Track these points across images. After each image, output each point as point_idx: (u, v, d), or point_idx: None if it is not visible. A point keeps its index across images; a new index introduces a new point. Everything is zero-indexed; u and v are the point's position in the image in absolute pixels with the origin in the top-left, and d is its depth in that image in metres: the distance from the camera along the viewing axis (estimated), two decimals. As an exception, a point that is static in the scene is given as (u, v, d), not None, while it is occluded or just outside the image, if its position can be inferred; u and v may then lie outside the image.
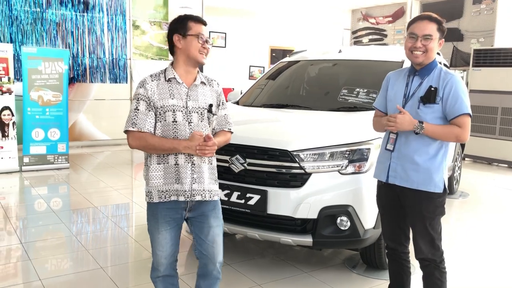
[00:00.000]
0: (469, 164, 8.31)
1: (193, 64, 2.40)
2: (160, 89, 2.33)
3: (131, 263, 3.69)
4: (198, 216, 2.39)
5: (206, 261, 2.42)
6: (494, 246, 4.26)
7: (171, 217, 2.36)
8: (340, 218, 3.06)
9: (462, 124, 2.45)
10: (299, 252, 3.90)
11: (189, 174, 2.31)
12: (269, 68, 5.01)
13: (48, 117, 6.85)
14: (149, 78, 2.38)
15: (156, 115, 2.32)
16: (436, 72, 2.53)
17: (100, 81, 8.99)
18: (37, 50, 6.97)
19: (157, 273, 2.44)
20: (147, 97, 2.30)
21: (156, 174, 2.33)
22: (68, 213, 4.93)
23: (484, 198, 6.03)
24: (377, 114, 2.77)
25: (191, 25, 2.36)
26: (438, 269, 2.56)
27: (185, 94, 2.34)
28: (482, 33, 9.01)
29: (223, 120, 2.51)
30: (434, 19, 2.51)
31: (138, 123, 2.29)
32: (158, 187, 2.33)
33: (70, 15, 8.56)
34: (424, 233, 2.51)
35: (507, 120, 7.91)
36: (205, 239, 2.40)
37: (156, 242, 2.39)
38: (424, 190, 2.48)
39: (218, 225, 2.44)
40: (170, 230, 2.38)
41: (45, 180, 6.38)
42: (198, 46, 2.34)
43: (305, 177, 3.07)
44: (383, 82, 2.76)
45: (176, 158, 2.31)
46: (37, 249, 3.88)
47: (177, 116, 2.30)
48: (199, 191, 2.33)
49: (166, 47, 9.80)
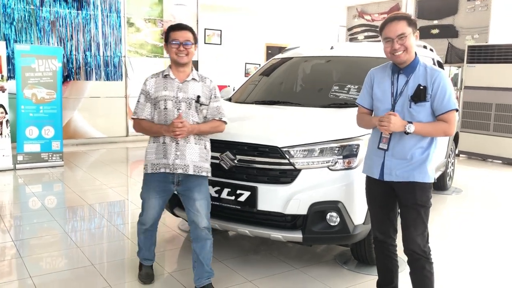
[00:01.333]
0: (463, 160, 8.33)
1: (177, 65, 2.94)
2: (157, 83, 2.95)
3: (124, 260, 3.69)
4: (185, 190, 2.96)
5: (194, 227, 2.98)
6: (486, 241, 4.28)
7: (160, 188, 2.97)
8: (330, 214, 3.07)
9: (449, 120, 2.51)
10: (292, 249, 3.91)
11: (173, 151, 2.88)
12: (262, 65, 5.01)
13: (42, 115, 6.84)
14: (150, 76, 3.01)
15: (153, 104, 2.93)
16: (421, 69, 2.56)
17: (95, 79, 8.98)
18: (31, 47, 6.95)
19: (143, 226, 3.13)
20: (146, 91, 2.95)
21: (150, 150, 2.97)
22: (62, 211, 4.94)
23: (478, 194, 6.05)
24: (361, 110, 2.80)
25: (170, 34, 2.93)
26: (428, 262, 2.60)
27: (176, 87, 2.91)
28: (477, 30, 9.02)
29: (215, 111, 3.00)
30: (401, 17, 2.54)
31: (138, 112, 2.96)
32: (151, 160, 2.95)
33: (64, 12, 8.54)
34: (418, 223, 2.56)
35: (501, 116, 7.93)
36: (191, 209, 2.96)
37: (145, 205, 3.04)
38: (419, 181, 2.54)
39: (202, 198, 2.96)
40: (158, 198, 3.01)
41: (39, 178, 6.38)
42: (174, 50, 2.89)
43: (295, 173, 3.08)
44: (365, 79, 2.78)
45: (164, 137, 2.90)
46: (30, 247, 3.88)
47: (168, 104, 2.89)
48: (180, 165, 2.88)
49: (161, 44, 9.80)
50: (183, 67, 2.94)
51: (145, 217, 3.08)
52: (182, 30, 2.91)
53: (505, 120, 7.89)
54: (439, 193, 5.92)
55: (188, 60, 2.93)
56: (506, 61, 7.82)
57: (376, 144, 2.65)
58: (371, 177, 2.71)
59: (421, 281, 2.62)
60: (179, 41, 2.87)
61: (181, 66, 2.93)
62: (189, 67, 2.98)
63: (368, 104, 2.75)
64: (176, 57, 2.89)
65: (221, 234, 4.16)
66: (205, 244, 3.00)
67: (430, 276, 2.61)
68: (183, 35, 2.89)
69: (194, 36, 2.96)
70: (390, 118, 2.46)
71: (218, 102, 3.02)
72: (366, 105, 2.76)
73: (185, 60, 2.90)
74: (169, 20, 9.85)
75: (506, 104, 7.83)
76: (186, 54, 2.89)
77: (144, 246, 3.22)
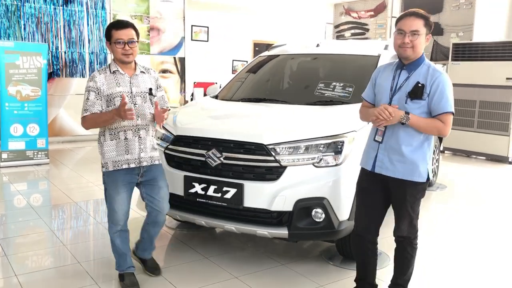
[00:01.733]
0: (448, 157, 8.44)
1: (123, 63, 2.93)
2: (107, 80, 2.90)
3: (111, 258, 3.67)
4: (150, 180, 3.03)
5: (157, 214, 3.08)
6: (470, 237, 4.36)
7: (127, 181, 2.98)
8: (315, 210, 3.10)
9: (445, 121, 2.57)
10: (278, 245, 3.94)
11: (137, 145, 2.93)
12: (248, 63, 5.02)
13: (27, 112, 6.77)
14: (97, 72, 2.94)
15: (106, 101, 2.88)
16: (424, 68, 2.60)
17: (81, 76, 8.91)
18: (15, 44, 6.88)
19: (116, 228, 3.02)
20: (97, 88, 2.88)
21: (109, 148, 2.93)
22: (48, 209, 4.90)
23: (462, 191, 6.15)
24: (364, 104, 2.86)
25: (112, 33, 2.86)
26: (411, 245, 2.73)
27: (128, 82, 2.93)
28: (462, 28, 9.12)
29: (161, 100, 3.08)
30: (420, 15, 2.59)
31: (89, 109, 2.87)
32: (112, 158, 2.93)
33: (49, 8, 8.45)
34: (406, 215, 2.67)
35: (484, 113, 8.05)
36: (156, 196, 3.04)
37: (116, 203, 2.97)
38: (409, 180, 2.59)
39: (165, 185, 3.10)
40: (126, 191, 2.99)
41: (24, 176, 6.32)
42: (120, 51, 2.86)
43: (281, 170, 3.10)
44: (372, 74, 2.84)
45: (125, 134, 2.92)
46: (15, 245, 3.85)
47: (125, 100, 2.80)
48: (145, 158, 2.97)
49: (147, 41, 9.75)
50: (128, 63, 2.95)
51: (119, 216, 2.99)
52: (125, 29, 2.86)
53: (488, 117, 8.01)
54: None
55: (134, 58, 2.94)
56: (490, 59, 7.93)
57: (373, 136, 2.72)
58: (365, 170, 2.76)
59: (400, 260, 2.78)
60: (124, 40, 2.84)
61: (127, 63, 2.94)
62: (133, 62, 2.99)
63: (371, 99, 2.80)
64: (123, 57, 2.88)
65: (207, 231, 4.17)
66: (160, 227, 3.18)
67: (410, 258, 2.75)
68: (127, 33, 2.85)
69: (137, 33, 2.93)
70: (390, 110, 2.50)
71: (162, 91, 3.13)
72: (369, 99, 2.81)
73: (131, 59, 2.92)
74: (155, 17, 9.80)
75: (490, 101, 7.95)
76: (131, 53, 2.88)
77: (124, 251, 3.09)
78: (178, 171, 3.41)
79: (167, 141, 3.55)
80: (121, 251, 3.09)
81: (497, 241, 4.25)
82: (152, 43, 9.85)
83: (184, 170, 3.37)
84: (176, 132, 3.50)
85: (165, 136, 3.59)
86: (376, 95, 2.76)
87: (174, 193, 3.44)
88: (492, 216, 5.03)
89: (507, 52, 7.72)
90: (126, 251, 3.11)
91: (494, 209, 5.29)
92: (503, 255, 3.93)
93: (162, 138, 3.62)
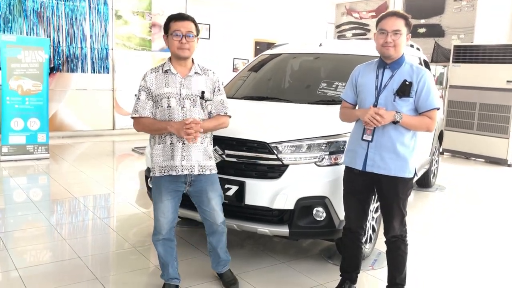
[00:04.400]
0: (447, 158, 8.46)
1: (178, 58, 2.73)
2: (158, 79, 2.73)
3: (110, 253, 3.70)
4: (197, 191, 2.84)
5: (210, 224, 2.94)
6: (469, 238, 4.37)
7: (172, 189, 2.79)
8: (316, 209, 3.11)
9: (432, 117, 2.65)
10: (278, 243, 3.95)
11: (180, 152, 2.72)
12: (250, 61, 5.03)
13: (27, 107, 6.77)
14: (149, 71, 2.78)
15: (155, 102, 2.73)
16: (407, 66, 2.68)
17: (82, 71, 8.90)
18: (17, 38, 6.87)
19: (159, 236, 2.86)
20: (147, 88, 2.73)
21: (157, 152, 2.77)
22: (48, 204, 4.91)
23: (461, 192, 6.17)
24: (345, 105, 2.90)
25: (171, 25, 2.70)
26: (404, 243, 2.81)
27: (179, 83, 2.72)
28: (463, 30, 9.15)
29: (219, 105, 2.85)
30: (401, 15, 2.66)
31: (139, 110, 2.74)
32: (159, 163, 2.76)
33: (52, 3, 8.44)
34: (398, 213, 2.74)
35: (484, 115, 8.07)
36: (206, 208, 2.87)
37: (159, 210, 2.81)
38: (401, 176, 2.66)
39: (216, 196, 2.88)
40: (171, 200, 2.80)
41: (24, 170, 6.32)
42: (176, 43, 2.67)
43: (283, 168, 3.12)
44: (351, 74, 2.88)
45: (171, 138, 2.72)
46: (15, 239, 3.86)
47: (171, 102, 2.70)
48: (186, 166, 2.73)
49: (149, 37, 9.74)
50: (184, 60, 2.74)
51: (162, 223, 2.82)
52: (184, 21, 2.68)
53: (488, 120, 8.03)
54: (423, 190, 6.01)
55: (190, 54, 2.73)
56: (491, 61, 7.96)
57: (359, 136, 2.74)
58: (353, 169, 2.79)
59: (396, 259, 2.84)
60: (182, 32, 2.66)
61: (183, 60, 2.73)
62: (190, 60, 2.78)
63: (352, 99, 2.85)
64: (178, 51, 2.68)
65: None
66: (221, 237, 3.00)
67: (404, 255, 2.83)
68: (185, 25, 2.67)
69: (197, 27, 2.75)
70: (382, 112, 2.55)
71: (222, 95, 2.86)
72: (350, 100, 2.86)
73: (187, 54, 2.70)
74: (157, 13, 9.80)
75: (490, 104, 7.97)
76: (188, 47, 2.68)
77: (166, 261, 2.92)
78: (179, 167, 3.42)
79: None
80: (163, 259, 2.92)
81: (495, 242, 4.27)
82: (153, 40, 9.85)
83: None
84: (178, 129, 3.50)
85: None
86: (359, 95, 2.80)
87: (175, 189, 3.46)
88: (490, 217, 5.05)
89: (508, 55, 7.75)
90: (169, 261, 2.93)
91: (492, 211, 5.31)
92: (501, 255, 3.95)
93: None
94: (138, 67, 9.59)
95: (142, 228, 4.27)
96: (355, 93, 2.83)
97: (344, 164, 2.89)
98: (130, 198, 5.20)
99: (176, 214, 2.88)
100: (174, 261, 2.96)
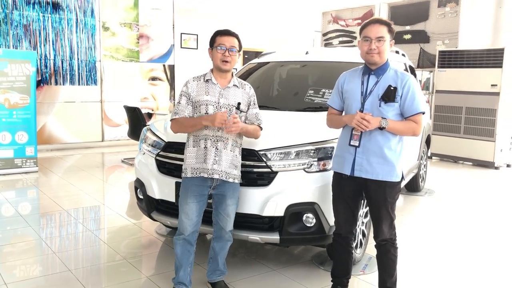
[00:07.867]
0: (436, 162, 8.55)
1: (220, 70, 2.93)
2: (198, 87, 2.93)
3: (101, 265, 3.67)
4: (219, 194, 2.95)
5: (220, 229, 3.02)
6: (457, 241, 4.41)
7: (198, 193, 2.91)
8: (306, 215, 3.13)
9: (418, 121, 2.70)
10: (269, 251, 3.96)
11: (212, 156, 2.87)
12: (239, 70, 5.06)
13: (15, 120, 6.72)
14: (191, 78, 2.98)
15: (193, 108, 2.92)
16: (391, 72, 2.73)
17: (70, 84, 8.87)
18: (3, 51, 6.83)
19: (180, 236, 2.97)
20: (188, 93, 2.93)
21: (190, 154, 2.93)
22: (37, 217, 4.87)
23: (449, 195, 6.22)
24: (331, 111, 2.94)
25: (216, 39, 2.92)
26: (393, 246, 2.84)
27: (218, 93, 2.91)
28: (447, 35, 9.27)
29: (253, 117, 3.04)
30: (384, 22, 2.72)
31: (179, 113, 2.92)
32: (192, 164, 2.91)
33: (38, 16, 8.43)
34: (387, 217, 2.78)
35: (471, 119, 8.19)
36: (222, 212, 2.97)
37: (182, 212, 2.94)
38: (388, 180, 2.70)
39: (233, 203, 2.99)
40: (196, 203, 2.92)
41: (12, 184, 6.26)
42: (219, 56, 2.87)
43: (272, 175, 3.13)
44: (336, 81, 2.92)
45: (205, 142, 2.89)
46: (4, 254, 3.82)
47: (209, 109, 2.88)
48: (217, 171, 2.88)
49: (137, 48, 9.75)
50: (225, 73, 2.93)
51: (185, 225, 2.94)
52: (229, 36, 2.91)
53: (474, 123, 8.14)
54: (412, 194, 6.07)
55: (231, 67, 2.92)
56: (475, 66, 8.09)
57: (347, 141, 2.77)
58: (341, 174, 2.82)
59: (386, 262, 2.86)
60: (226, 46, 2.87)
61: (224, 72, 2.92)
62: (230, 73, 2.98)
63: (338, 106, 2.90)
64: (220, 63, 2.89)
65: (198, 238, 4.16)
66: (226, 245, 3.10)
67: (394, 259, 2.85)
68: (230, 40, 2.90)
69: (240, 44, 2.95)
70: (369, 118, 2.59)
71: (256, 109, 3.08)
72: (336, 107, 2.91)
73: (228, 67, 2.90)
74: (144, 25, 9.82)
75: (476, 108, 8.09)
76: (230, 61, 2.88)
77: (181, 262, 3.01)
78: (169, 177, 3.43)
79: (158, 147, 3.56)
80: (178, 261, 3.02)
81: (484, 244, 4.31)
82: (141, 51, 9.86)
83: (176, 176, 3.38)
84: (167, 139, 3.51)
85: (156, 143, 3.60)
86: (345, 101, 2.84)
87: (165, 199, 3.46)
88: (479, 220, 5.11)
89: (491, 59, 7.88)
90: (183, 263, 3.01)
91: (481, 214, 5.36)
92: (490, 258, 3.99)
93: (153, 145, 3.63)
94: (126, 78, 9.59)
95: (133, 240, 4.26)
96: (341, 99, 2.87)
97: (332, 169, 2.93)
98: (120, 209, 5.17)
99: (200, 218, 2.98)
100: (188, 266, 3.03)
